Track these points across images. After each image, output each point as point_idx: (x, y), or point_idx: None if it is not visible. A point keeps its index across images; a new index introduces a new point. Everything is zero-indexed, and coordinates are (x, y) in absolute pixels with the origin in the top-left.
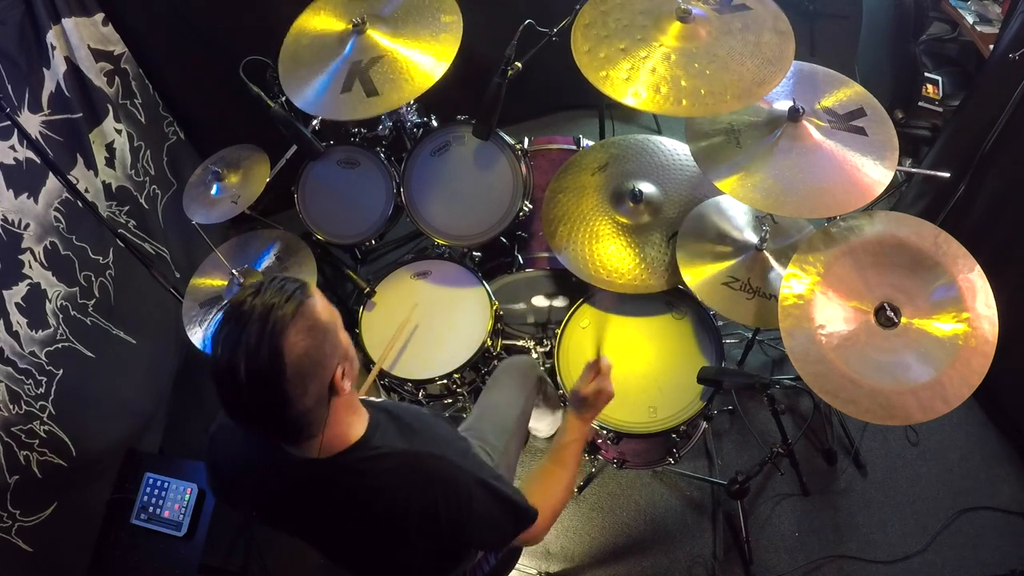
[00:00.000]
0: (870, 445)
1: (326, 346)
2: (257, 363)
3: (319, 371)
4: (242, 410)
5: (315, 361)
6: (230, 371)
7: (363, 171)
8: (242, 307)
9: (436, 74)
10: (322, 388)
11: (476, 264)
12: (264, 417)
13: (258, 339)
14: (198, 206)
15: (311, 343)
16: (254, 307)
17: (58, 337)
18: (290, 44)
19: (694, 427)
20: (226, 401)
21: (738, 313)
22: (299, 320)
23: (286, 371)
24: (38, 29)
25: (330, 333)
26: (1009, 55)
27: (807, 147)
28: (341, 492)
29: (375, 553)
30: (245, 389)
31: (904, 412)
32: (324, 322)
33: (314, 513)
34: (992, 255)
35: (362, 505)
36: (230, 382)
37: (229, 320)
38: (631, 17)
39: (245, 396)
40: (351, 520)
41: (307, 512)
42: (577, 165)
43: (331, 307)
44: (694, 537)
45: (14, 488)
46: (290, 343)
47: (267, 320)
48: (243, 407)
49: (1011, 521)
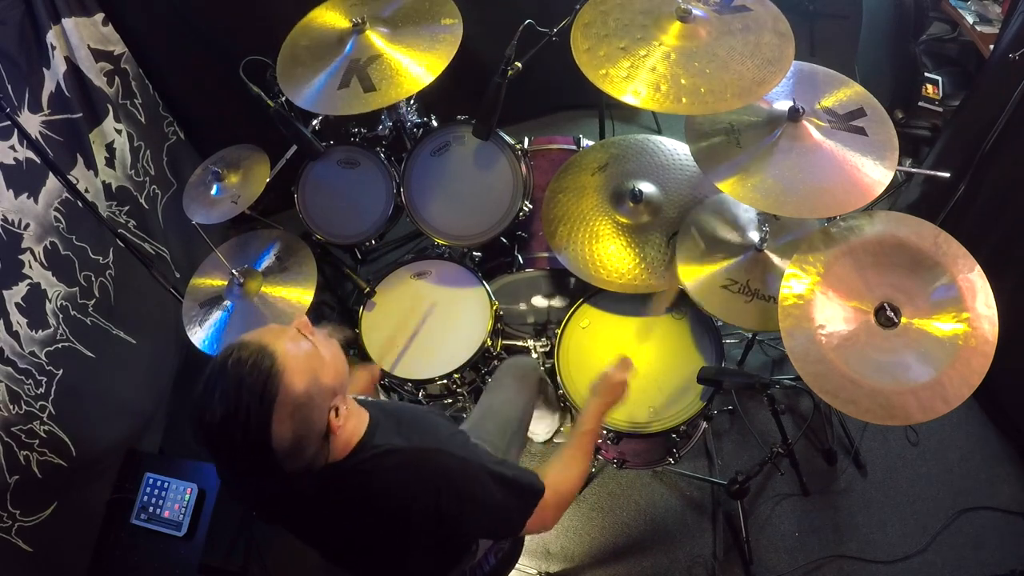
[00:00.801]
0: (870, 445)
1: (314, 414)
2: (251, 463)
3: (311, 436)
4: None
5: (306, 434)
6: (227, 466)
7: (363, 171)
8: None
9: (432, 75)
10: (319, 440)
11: (476, 264)
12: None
13: (243, 444)
14: (198, 206)
15: (297, 424)
16: (228, 404)
17: (58, 337)
18: (290, 44)
19: (694, 427)
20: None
21: (737, 316)
22: (278, 409)
23: (279, 458)
24: (38, 29)
25: (312, 399)
26: (1009, 55)
27: (807, 147)
28: (344, 493)
29: (376, 552)
30: (247, 475)
31: (904, 412)
32: (304, 394)
33: (317, 515)
34: (992, 255)
35: (365, 504)
36: (231, 473)
37: (207, 438)
38: (631, 16)
39: (248, 479)
40: (353, 520)
41: (310, 514)
42: (577, 165)
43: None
44: (694, 537)
45: (14, 488)
46: (277, 436)
47: (247, 422)
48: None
49: (1011, 521)
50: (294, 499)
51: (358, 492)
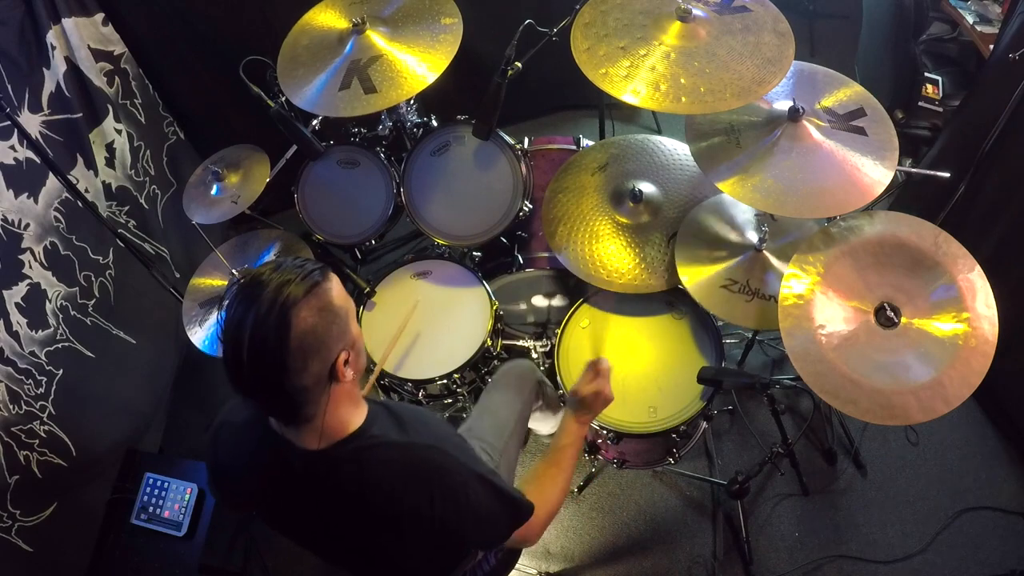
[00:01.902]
0: (870, 445)
1: (333, 328)
2: (263, 330)
3: (322, 351)
4: (243, 376)
5: (320, 340)
6: (237, 334)
7: (363, 171)
8: (259, 278)
9: (432, 76)
10: (323, 369)
11: (476, 264)
12: (262, 385)
13: (268, 308)
14: (198, 206)
15: (319, 322)
16: (271, 279)
17: (58, 337)
18: (290, 44)
19: (694, 427)
20: (229, 365)
21: (738, 316)
22: (311, 298)
23: (290, 343)
24: (38, 29)
25: (340, 318)
26: (1009, 55)
27: (807, 147)
28: (338, 483)
29: (371, 549)
30: (248, 353)
31: (904, 412)
32: (336, 306)
33: (312, 507)
34: (992, 255)
35: (358, 496)
36: (235, 345)
37: (245, 288)
38: (631, 16)
39: (247, 361)
40: (347, 513)
41: (306, 506)
42: (577, 165)
43: (347, 296)
44: (694, 537)
45: (14, 488)
46: (299, 317)
47: (280, 292)
48: (244, 372)
49: (1011, 521)
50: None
51: (349, 482)
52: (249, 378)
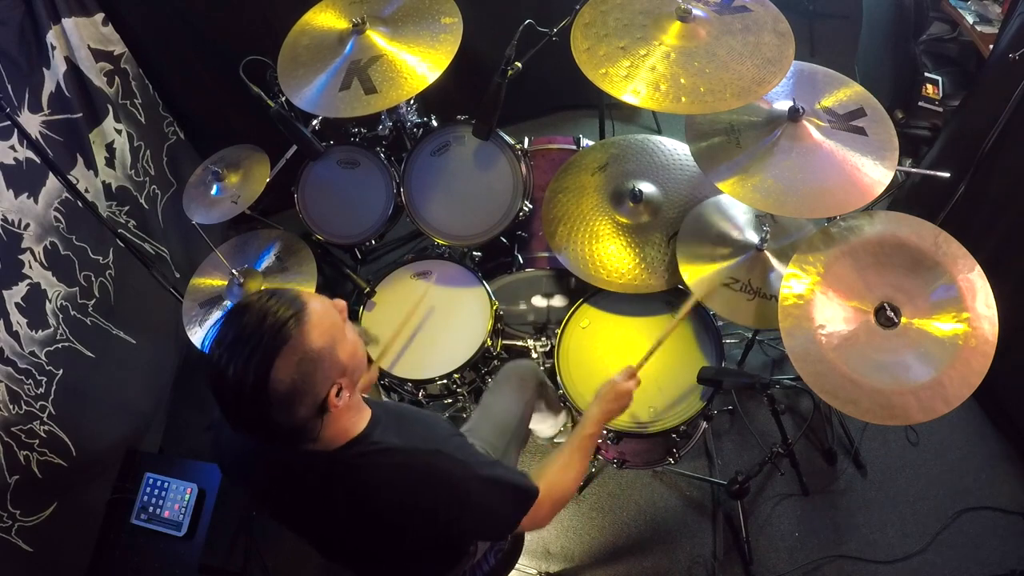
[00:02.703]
0: (870, 445)
1: (316, 375)
2: (242, 388)
3: (306, 398)
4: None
5: (301, 391)
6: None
7: (363, 171)
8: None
9: (432, 76)
10: (312, 409)
11: (476, 264)
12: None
13: (245, 365)
14: (198, 206)
15: (297, 375)
16: (248, 328)
17: (58, 337)
18: (290, 44)
19: (694, 427)
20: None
21: (739, 314)
22: (287, 351)
23: (270, 400)
24: (38, 29)
25: (323, 360)
26: (1009, 55)
27: (807, 147)
28: (339, 487)
29: (373, 550)
30: (232, 407)
31: (904, 412)
32: (316, 351)
33: (314, 507)
34: (992, 255)
35: (360, 501)
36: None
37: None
38: (631, 17)
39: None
40: (349, 515)
41: (307, 506)
42: (577, 165)
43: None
44: (694, 537)
45: (14, 488)
46: (275, 377)
47: (256, 348)
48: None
49: (1011, 521)
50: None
51: (351, 486)
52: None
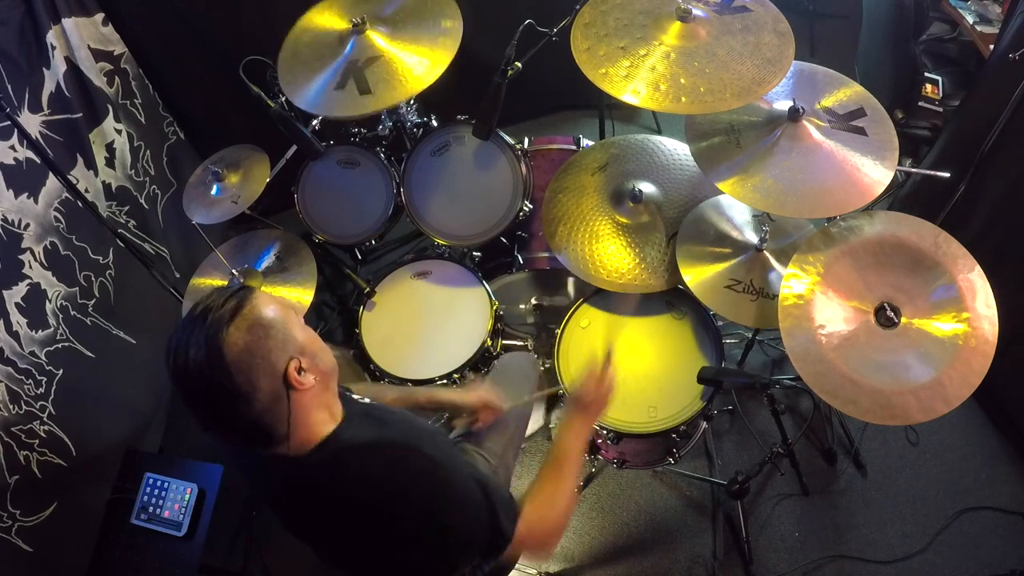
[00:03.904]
0: (870, 445)
1: (269, 342)
2: (198, 366)
3: (266, 366)
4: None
5: (259, 356)
6: (178, 379)
7: (363, 171)
8: (186, 317)
9: (429, 79)
10: (274, 383)
11: (476, 264)
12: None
13: (196, 343)
14: (198, 206)
15: (251, 339)
16: (194, 315)
17: (58, 337)
18: (291, 42)
19: (694, 427)
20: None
21: (742, 315)
22: (237, 319)
23: (229, 368)
24: (38, 29)
25: (275, 329)
26: (1009, 55)
27: (807, 147)
28: (315, 488)
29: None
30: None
31: (904, 412)
32: (267, 319)
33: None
34: (992, 255)
35: (335, 501)
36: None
37: (175, 332)
38: (631, 16)
39: (198, 401)
40: (329, 516)
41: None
42: (577, 165)
43: (281, 306)
44: (694, 537)
45: (14, 488)
46: (229, 341)
47: (205, 324)
48: (202, 413)
49: (1011, 521)
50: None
51: (325, 487)
52: (209, 418)
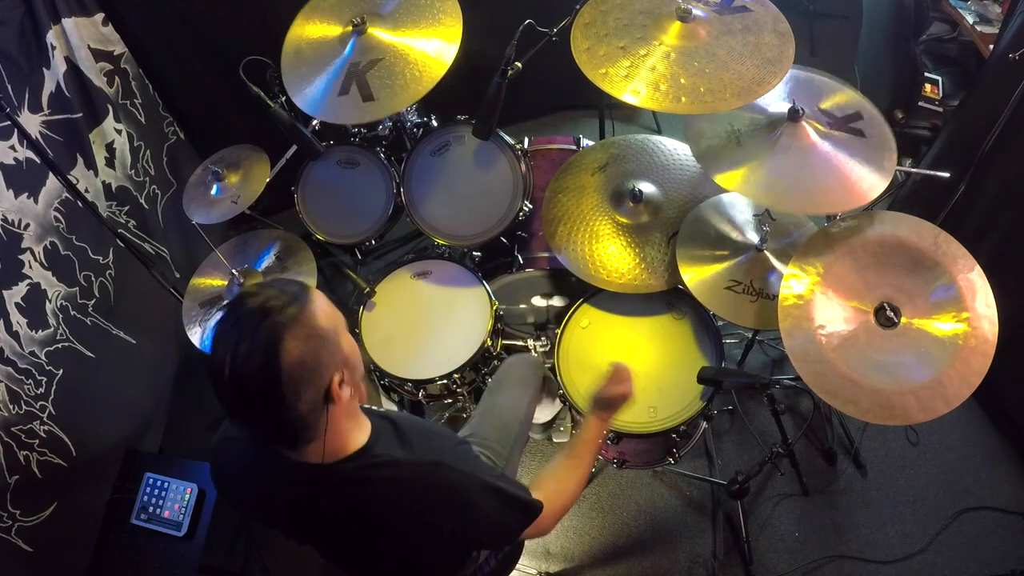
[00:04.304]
0: (870, 445)
1: (323, 354)
2: (251, 368)
3: (314, 378)
4: (237, 411)
5: (310, 368)
6: (224, 373)
7: (363, 171)
8: (241, 308)
9: (438, 72)
10: (317, 395)
11: (476, 264)
12: (258, 419)
13: (252, 344)
14: (198, 206)
15: (307, 350)
16: (252, 310)
17: (58, 337)
18: (293, 41)
19: (694, 427)
20: (222, 400)
21: (742, 316)
22: (296, 327)
23: (281, 376)
24: (38, 29)
25: (328, 341)
26: (1009, 55)
27: (807, 148)
28: (342, 500)
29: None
30: (240, 391)
31: (904, 412)
32: (323, 329)
33: (317, 521)
34: (992, 255)
35: (363, 515)
36: (224, 383)
37: (227, 321)
38: (631, 16)
39: (239, 397)
40: (353, 529)
41: (311, 520)
42: (577, 165)
43: (333, 312)
44: (694, 537)
45: (14, 488)
46: (286, 349)
47: (264, 325)
48: (238, 408)
49: (1011, 521)
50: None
51: (354, 500)
52: (242, 413)
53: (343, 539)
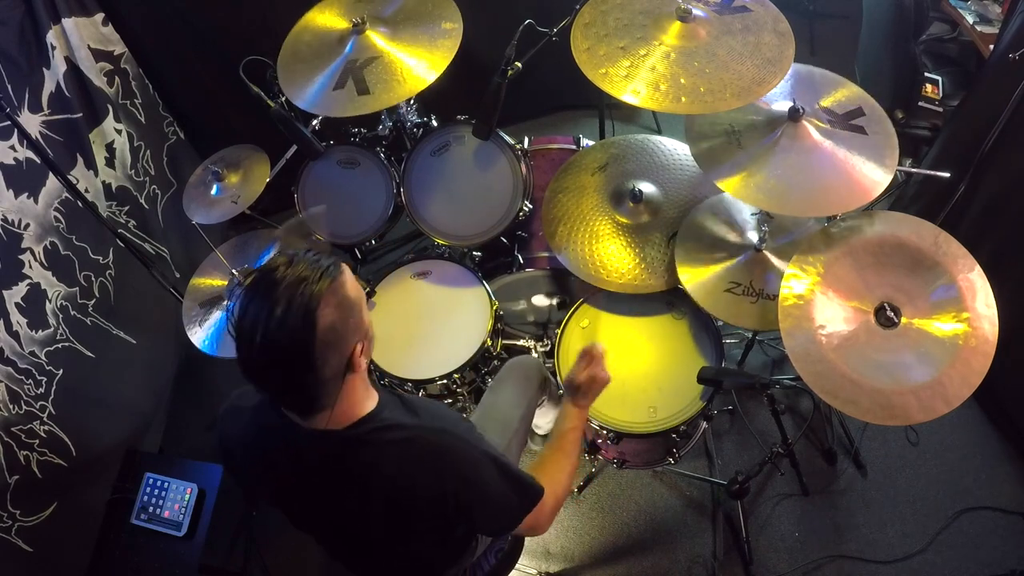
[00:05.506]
0: (870, 445)
1: (351, 321)
2: (288, 331)
3: (342, 345)
4: (260, 373)
5: (339, 335)
6: (252, 333)
7: (363, 171)
8: (274, 275)
9: (428, 79)
10: (341, 361)
11: (476, 264)
12: (283, 383)
13: (287, 308)
14: (198, 206)
15: (338, 317)
16: (286, 277)
17: (58, 337)
18: (291, 41)
19: (694, 427)
20: (245, 364)
21: (743, 318)
22: (330, 295)
23: (315, 341)
24: (38, 29)
25: (356, 310)
26: (1009, 55)
27: (807, 147)
28: (349, 464)
29: (379, 535)
30: (272, 353)
31: (904, 412)
32: (352, 299)
33: (322, 489)
34: (992, 255)
35: (368, 477)
36: (250, 344)
37: (259, 285)
38: (631, 16)
39: (270, 361)
40: (358, 496)
41: (315, 489)
42: (577, 165)
43: (358, 286)
44: (694, 537)
45: (14, 488)
46: (322, 314)
47: (302, 292)
48: (262, 371)
49: (1011, 521)
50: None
51: (361, 463)
52: (267, 376)
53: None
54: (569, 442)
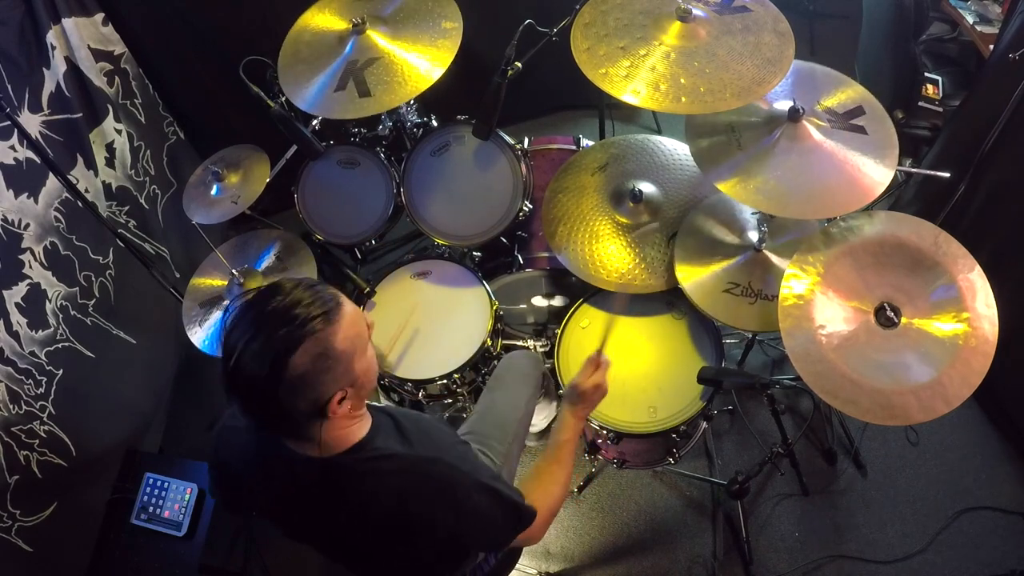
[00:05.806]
0: (870, 445)
1: (327, 376)
2: (255, 368)
3: (311, 393)
4: (237, 398)
5: (309, 385)
6: (230, 357)
7: (363, 171)
8: (270, 304)
9: (431, 78)
10: (313, 407)
11: (476, 264)
12: (256, 411)
13: (264, 346)
14: (198, 206)
15: (312, 368)
16: (278, 311)
17: (58, 337)
18: (291, 41)
19: (694, 427)
20: (225, 384)
21: (742, 319)
22: (311, 343)
23: (279, 385)
24: (38, 29)
25: (339, 364)
26: (1009, 55)
27: (807, 147)
28: (340, 493)
29: (374, 554)
30: (239, 382)
31: (904, 412)
32: (337, 351)
33: (314, 513)
34: (992, 255)
35: (360, 507)
36: (228, 366)
37: (251, 310)
38: (631, 16)
39: (238, 387)
40: (350, 521)
41: (307, 512)
42: (577, 165)
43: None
44: (694, 537)
45: (14, 488)
46: (293, 363)
47: (281, 333)
48: (238, 396)
49: (1011, 521)
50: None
51: (352, 492)
52: (239, 398)
53: (340, 531)
54: (566, 453)
